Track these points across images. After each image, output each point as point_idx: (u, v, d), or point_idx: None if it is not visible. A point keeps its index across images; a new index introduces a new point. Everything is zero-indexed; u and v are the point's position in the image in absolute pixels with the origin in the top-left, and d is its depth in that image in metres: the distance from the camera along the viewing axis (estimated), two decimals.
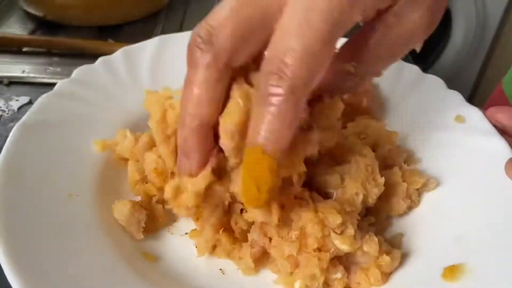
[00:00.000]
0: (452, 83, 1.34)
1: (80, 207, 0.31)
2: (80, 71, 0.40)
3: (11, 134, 0.32)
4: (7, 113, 0.45)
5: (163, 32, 0.61)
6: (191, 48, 0.25)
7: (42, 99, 0.36)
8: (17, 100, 0.46)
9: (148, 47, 0.44)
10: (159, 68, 0.42)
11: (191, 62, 0.26)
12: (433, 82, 0.40)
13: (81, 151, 0.34)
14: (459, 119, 0.36)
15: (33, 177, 0.31)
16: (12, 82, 0.49)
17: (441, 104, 0.38)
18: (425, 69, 1.43)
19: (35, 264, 0.25)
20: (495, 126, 0.35)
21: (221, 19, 0.24)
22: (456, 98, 0.38)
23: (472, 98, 1.36)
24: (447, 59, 1.28)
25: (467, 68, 1.32)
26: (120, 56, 0.42)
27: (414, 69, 0.42)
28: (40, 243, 0.27)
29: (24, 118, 0.34)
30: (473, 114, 0.36)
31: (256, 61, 0.25)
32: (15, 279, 0.24)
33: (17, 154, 0.31)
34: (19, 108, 0.45)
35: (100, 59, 0.41)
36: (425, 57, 1.30)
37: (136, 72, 0.41)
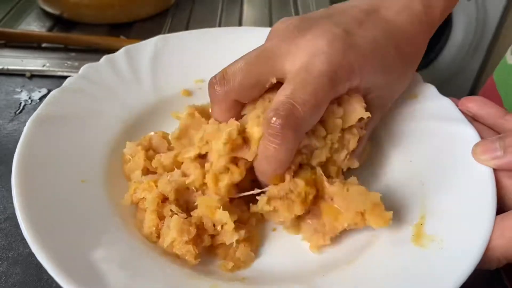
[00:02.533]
0: (452, 80, 1.37)
1: (92, 190, 0.34)
2: (86, 68, 0.42)
3: (26, 126, 0.35)
4: (30, 103, 0.49)
5: (171, 29, 0.65)
6: (209, 87, 0.34)
7: (53, 94, 0.39)
8: (39, 92, 0.50)
9: (148, 46, 0.46)
10: (159, 66, 0.45)
11: (210, 97, 0.34)
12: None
13: (89, 141, 0.37)
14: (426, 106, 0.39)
15: (48, 165, 0.33)
16: (34, 75, 0.53)
17: (415, 95, 0.41)
18: (425, 67, 1.46)
19: (56, 240, 0.28)
20: (466, 114, 0.38)
21: (235, 69, 0.33)
22: (429, 89, 0.41)
23: (472, 95, 1.36)
24: (447, 57, 1.29)
25: (467, 66, 1.32)
26: (123, 54, 0.45)
27: None
28: (58, 222, 0.30)
29: (37, 111, 0.37)
30: (445, 103, 0.39)
31: None
32: (40, 254, 0.27)
33: (32, 145, 0.34)
34: (40, 99, 0.49)
35: (104, 57, 0.44)
36: (425, 55, 1.30)
37: (137, 69, 0.44)
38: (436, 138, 0.37)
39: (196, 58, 0.46)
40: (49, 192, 0.32)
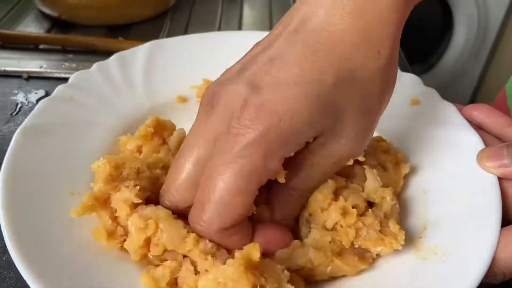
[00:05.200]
0: (454, 84, 1.37)
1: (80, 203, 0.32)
2: (77, 76, 0.41)
3: (14, 137, 0.34)
4: (27, 105, 0.49)
5: (170, 31, 0.64)
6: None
7: (42, 103, 0.37)
8: (35, 93, 0.50)
9: (141, 52, 0.45)
10: (152, 72, 0.44)
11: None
12: (410, 79, 0.42)
13: (80, 152, 0.36)
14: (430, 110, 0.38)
15: (35, 176, 0.32)
16: (31, 77, 0.52)
17: (417, 100, 0.40)
18: (427, 71, 1.47)
19: (41, 255, 0.27)
20: (471, 122, 0.36)
21: (168, 186, 0.29)
22: (432, 94, 0.40)
23: (474, 99, 1.37)
24: (449, 60, 1.29)
25: (469, 69, 1.32)
26: (115, 61, 0.43)
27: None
28: (44, 236, 0.29)
29: (25, 122, 0.35)
30: (448, 109, 0.38)
31: None
32: (23, 269, 0.26)
33: (20, 156, 0.33)
34: (37, 100, 0.49)
35: (95, 65, 0.43)
36: (427, 58, 1.31)
37: (130, 77, 0.43)
38: (439, 145, 0.36)
39: (190, 63, 0.45)
40: (35, 204, 0.31)
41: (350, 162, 0.32)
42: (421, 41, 1.26)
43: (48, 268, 0.27)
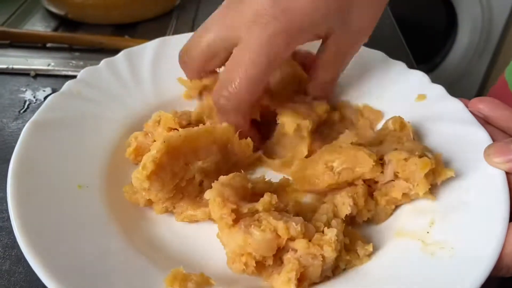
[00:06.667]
0: (458, 84, 1.36)
1: (88, 196, 0.33)
2: (86, 72, 0.42)
3: (23, 130, 0.35)
4: (35, 102, 0.49)
5: (176, 29, 0.64)
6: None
7: (51, 98, 0.38)
8: (43, 91, 0.50)
9: (149, 49, 0.46)
10: (160, 69, 0.44)
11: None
12: (417, 75, 0.43)
13: (87, 146, 0.36)
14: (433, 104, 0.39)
15: (44, 169, 0.33)
16: (39, 75, 0.53)
17: (424, 95, 0.40)
18: (431, 71, 1.45)
19: (51, 248, 0.28)
20: (477, 116, 0.36)
21: (191, 43, 0.38)
22: (438, 90, 0.40)
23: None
24: (454, 59, 1.29)
25: (474, 68, 1.32)
26: (123, 57, 0.44)
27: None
28: (53, 229, 0.29)
29: (35, 116, 0.36)
30: (455, 105, 0.38)
31: None
32: (31, 259, 0.27)
33: (30, 149, 0.34)
34: (45, 98, 0.49)
35: (103, 61, 0.43)
36: (432, 58, 1.31)
37: (137, 73, 0.44)
38: (446, 141, 0.36)
39: None
40: (44, 197, 0.31)
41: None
42: (426, 41, 1.26)
43: (58, 261, 0.27)
